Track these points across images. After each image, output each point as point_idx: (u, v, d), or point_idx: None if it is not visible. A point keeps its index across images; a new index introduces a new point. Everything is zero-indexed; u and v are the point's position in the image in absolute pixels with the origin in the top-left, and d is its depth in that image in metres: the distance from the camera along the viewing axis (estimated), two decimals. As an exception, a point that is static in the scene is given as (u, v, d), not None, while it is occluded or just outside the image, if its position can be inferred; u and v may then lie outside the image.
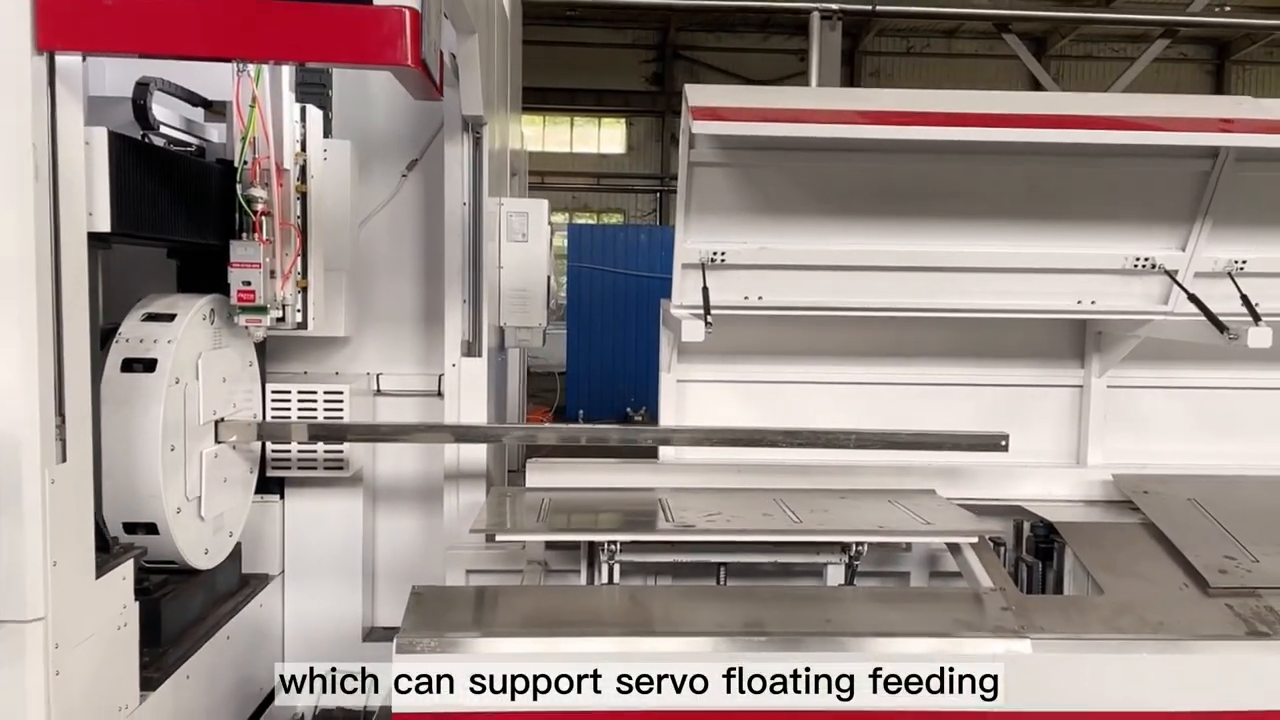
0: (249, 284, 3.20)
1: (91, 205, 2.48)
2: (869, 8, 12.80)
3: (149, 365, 2.93)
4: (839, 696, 2.81)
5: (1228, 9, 19.91)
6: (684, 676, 2.80)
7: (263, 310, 3.25)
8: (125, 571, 2.67)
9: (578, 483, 3.91)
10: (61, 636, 2.33)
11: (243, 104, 3.21)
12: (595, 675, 2.78)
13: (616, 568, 3.35)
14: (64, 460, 2.33)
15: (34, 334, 2.22)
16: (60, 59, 2.28)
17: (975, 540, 3.35)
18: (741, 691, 2.80)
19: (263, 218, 3.23)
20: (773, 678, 2.81)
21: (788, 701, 2.81)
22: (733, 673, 2.79)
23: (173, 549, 3.03)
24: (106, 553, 2.62)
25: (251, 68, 3.13)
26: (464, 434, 3.87)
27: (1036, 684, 2.87)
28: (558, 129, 23.62)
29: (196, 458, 3.15)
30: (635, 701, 2.80)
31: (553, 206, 4.78)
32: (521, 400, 6.00)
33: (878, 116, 3.03)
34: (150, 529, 2.95)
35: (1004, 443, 3.69)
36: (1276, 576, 3.23)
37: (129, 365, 2.92)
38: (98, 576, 2.52)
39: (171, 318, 3.05)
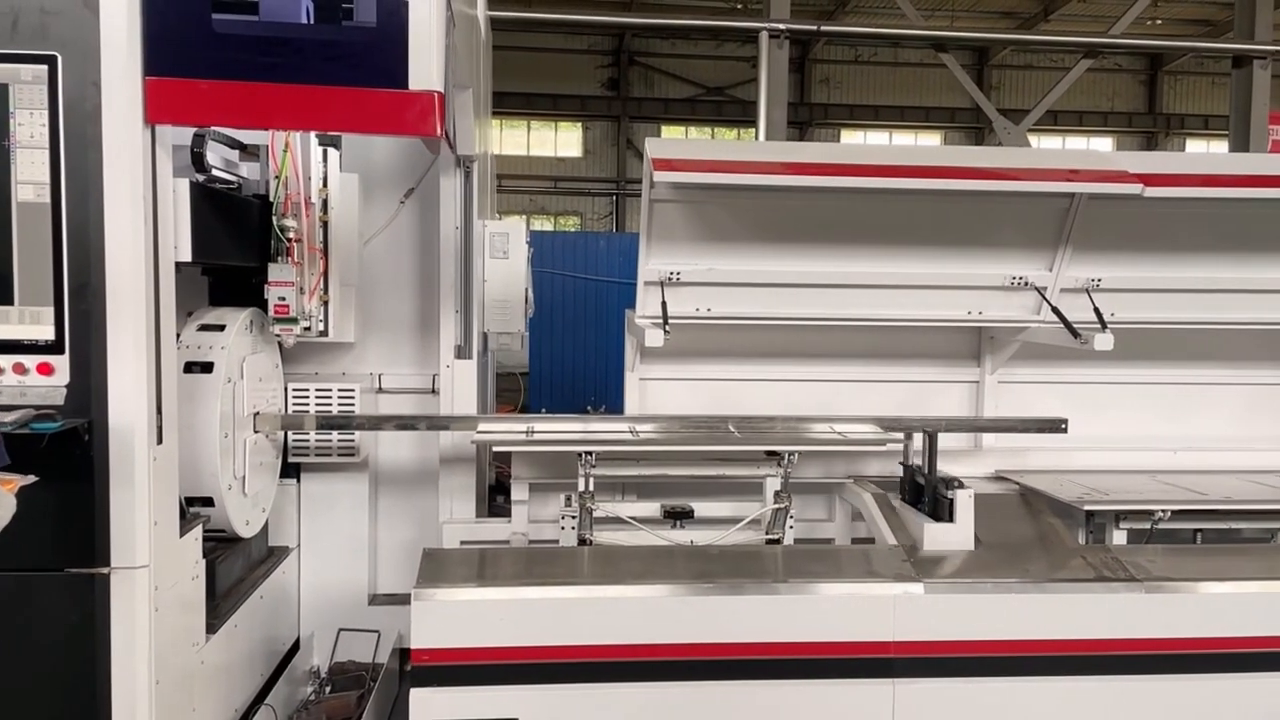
0: (284, 299, 3.84)
1: (177, 240, 3.10)
2: (814, 28, 13.62)
3: (207, 367, 3.55)
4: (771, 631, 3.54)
5: (1158, 22, 21.21)
6: (647, 616, 3.50)
7: (294, 321, 3.89)
8: (197, 534, 3.31)
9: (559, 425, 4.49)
10: (159, 581, 2.94)
11: (277, 149, 3.85)
12: (576, 615, 3.47)
13: (592, 480, 3.98)
14: (160, 442, 2.96)
15: (143, 344, 2.85)
16: (158, 127, 2.92)
17: (884, 449, 4.17)
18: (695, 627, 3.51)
19: (294, 243, 3.87)
20: (719, 616, 3.52)
21: (730, 635, 3.52)
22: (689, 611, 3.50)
23: (224, 519, 3.65)
24: (183, 519, 3.24)
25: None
26: (459, 423, 4.51)
27: (927, 619, 3.56)
28: (514, 132, 24.01)
29: (241, 444, 3.77)
30: (608, 636, 3.49)
31: (510, 209, 5.44)
32: (491, 398, 6.65)
33: (800, 168, 3.78)
34: (208, 502, 3.57)
35: (1064, 426, 4.46)
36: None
37: (190, 367, 3.54)
38: (180, 536, 3.15)
39: (222, 327, 3.68)
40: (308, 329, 3.98)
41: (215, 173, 3.73)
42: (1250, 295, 4.56)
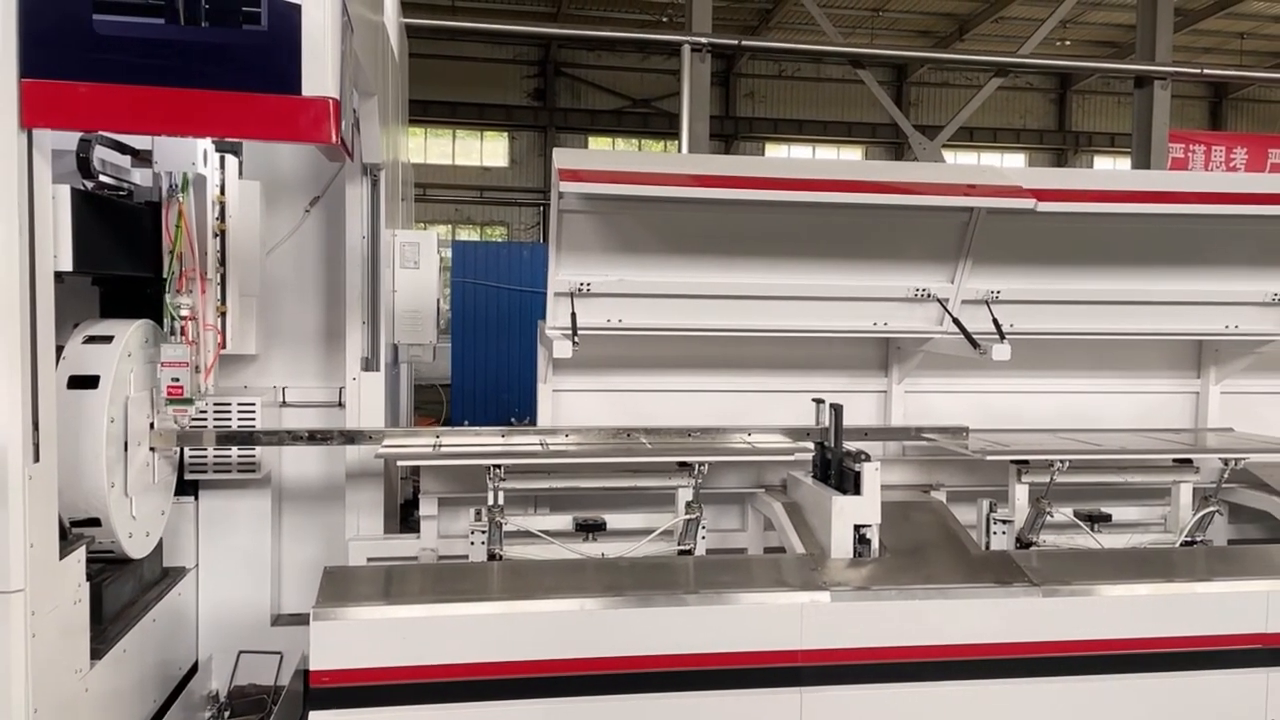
0: (177, 380, 3.69)
1: (56, 249, 2.97)
2: (735, 42, 13.76)
3: (91, 381, 3.40)
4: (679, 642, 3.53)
5: (1067, 43, 22.00)
6: (555, 631, 3.46)
7: (189, 402, 3.74)
8: (80, 556, 3.15)
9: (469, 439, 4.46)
10: (36, 606, 2.81)
11: (171, 156, 3.72)
12: (481, 632, 3.41)
13: (502, 494, 3.92)
14: (37, 461, 2.82)
15: (18, 357, 2.71)
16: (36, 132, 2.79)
17: (792, 458, 4.23)
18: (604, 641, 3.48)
19: (188, 323, 3.72)
20: (628, 629, 3.50)
21: (639, 648, 3.50)
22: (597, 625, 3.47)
23: (112, 540, 3.51)
24: (65, 540, 3.09)
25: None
26: (363, 437, 4.41)
27: (834, 627, 3.60)
28: (439, 141, 23.77)
29: (132, 462, 3.63)
30: (515, 653, 3.44)
31: (435, 219, 5.37)
32: (409, 410, 6.54)
33: (706, 180, 3.80)
34: (94, 523, 3.42)
35: (966, 433, 4.62)
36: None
37: (73, 381, 3.39)
38: (60, 558, 3.00)
39: (110, 339, 3.53)
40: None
41: (103, 179, 3.60)
42: (1145, 307, 4.73)
